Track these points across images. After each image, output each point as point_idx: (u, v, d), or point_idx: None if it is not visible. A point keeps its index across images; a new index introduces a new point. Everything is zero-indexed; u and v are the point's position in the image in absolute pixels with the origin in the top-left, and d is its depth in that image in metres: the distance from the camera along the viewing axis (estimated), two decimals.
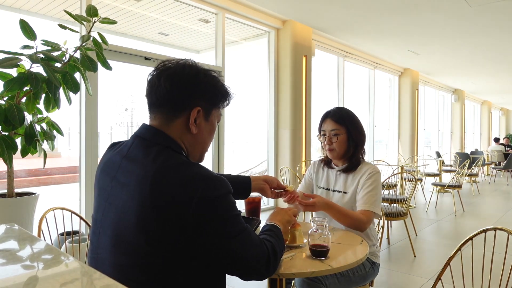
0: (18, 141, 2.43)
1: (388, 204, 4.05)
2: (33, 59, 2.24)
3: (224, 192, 1.02)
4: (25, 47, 2.34)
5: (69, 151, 9.14)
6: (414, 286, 3.00)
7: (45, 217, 1.84)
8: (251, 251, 1.06)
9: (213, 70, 1.16)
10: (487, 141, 17.17)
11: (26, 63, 2.32)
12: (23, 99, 2.45)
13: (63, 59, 2.50)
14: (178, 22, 5.12)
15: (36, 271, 0.89)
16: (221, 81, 1.17)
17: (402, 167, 6.48)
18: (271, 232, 1.22)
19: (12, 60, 2.21)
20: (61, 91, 2.47)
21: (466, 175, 6.91)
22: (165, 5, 4.56)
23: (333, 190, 1.99)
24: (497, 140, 13.33)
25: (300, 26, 5.60)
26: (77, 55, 2.56)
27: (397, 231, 4.59)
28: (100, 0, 3.90)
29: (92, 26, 2.60)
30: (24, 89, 2.37)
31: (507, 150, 12.52)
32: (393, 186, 5.17)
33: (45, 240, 1.43)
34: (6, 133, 2.34)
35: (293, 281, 1.91)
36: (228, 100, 1.19)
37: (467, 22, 5.50)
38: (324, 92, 7.31)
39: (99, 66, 2.62)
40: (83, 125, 3.59)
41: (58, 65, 2.44)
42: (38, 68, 2.31)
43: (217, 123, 1.20)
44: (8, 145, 2.29)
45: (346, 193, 1.93)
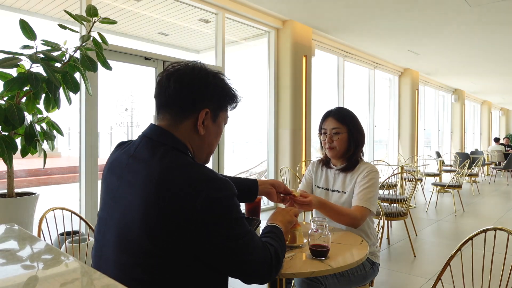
0: (18, 141, 2.43)
1: (388, 204, 4.05)
2: (33, 59, 2.24)
3: (228, 194, 1.02)
4: (25, 47, 2.33)
5: (69, 151, 9.14)
6: (414, 286, 3.00)
7: (45, 217, 1.84)
8: (254, 254, 1.06)
9: (221, 73, 1.17)
10: (487, 141, 17.17)
11: (26, 63, 2.32)
12: (23, 99, 2.45)
13: (63, 59, 2.50)
14: (178, 22, 5.12)
15: (36, 271, 0.89)
16: (230, 84, 1.18)
17: (402, 167, 6.48)
18: (273, 234, 1.22)
19: (12, 60, 2.21)
20: (61, 91, 2.47)
21: (466, 175, 6.91)
22: (165, 5, 4.56)
23: (332, 190, 1.99)
24: (497, 140, 13.33)
25: (300, 26, 5.60)
26: (77, 55, 2.56)
27: (397, 231, 4.59)
28: (100, 0, 3.90)
29: (92, 26, 2.60)
30: (24, 89, 2.37)
31: (507, 150, 12.52)
32: (393, 186, 5.16)
33: (45, 240, 1.43)
34: (6, 133, 2.34)
35: (293, 281, 1.91)
36: (235, 103, 1.21)
37: (467, 22, 5.50)
38: (324, 92, 7.30)
39: (99, 66, 2.62)
40: (83, 125, 3.59)
41: (58, 65, 2.44)
42: (38, 68, 2.31)
43: (224, 125, 1.22)
44: (8, 145, 2.29)
45: (344, 192, 1.93)
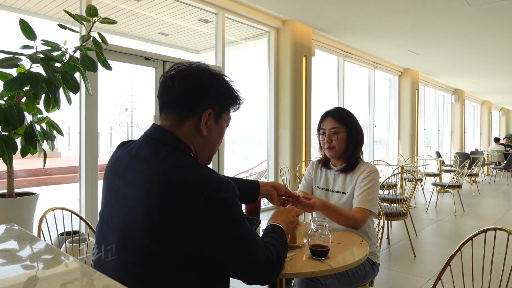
0: (18, 141, 2.43)
1: (388, 204, 4.05)
2: (33, 59, 2.24)
3: (230, 194, 1.02)
4: (25, 47, 2.33)
5: (69, 151, 9.15)
6: (414, 286, 3.00)
7: (45, 217, 1.84)
8: (255, 255, 1.06)
9: (225, 75, 1.18)
10: (487, 141, 17.17)
11: (26, 63, 2.32)
12: (23, 99, 2.45)
13: (63, 59, 2.49)
14: (178, 22, 5.12)
15: (36, 271, 0.89)
16: (233, 85, 1.18)
17: (402, 167, 6.48)
18: (275, 234, 1.22)
19: (12, 60, 2.21)
20: (61, 91, 2.47)
21: (466, 175, 6.90)
22: (165, 5, 4.56)
23: (332, 191, 1.99)
24: (497, 140, 13.33)
25: (300, 26, 5.60)
26: (77, 55, 2.55)
27: (397, 231, 4.59)
28: (100, 0, 3.90)
29: (92, 26, 2.60)
30: (24, 89, 2.37)
31: (507, 150, 12.52)
32: (393, 186, 5.16)
33: (45, 240, 1.43)
34: (6, 133, 2.34)
35: (293, 281, 1.91)
36: (238, 105, 1.21)
37: (467, 22, 5.50)
38: (324, 92, 7.31)
39: (99, 66, 2.62)
40: (83, 125, 3.59)
41: (58, 65, 2.43)
42: (38, 68, 2.31)
43: (227, 126, 1.22)
44: (8, 145, 2.28)
45: (344, 193, 1.93)
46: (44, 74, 2.27)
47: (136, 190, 1.03)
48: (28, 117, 2.47)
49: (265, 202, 5.56)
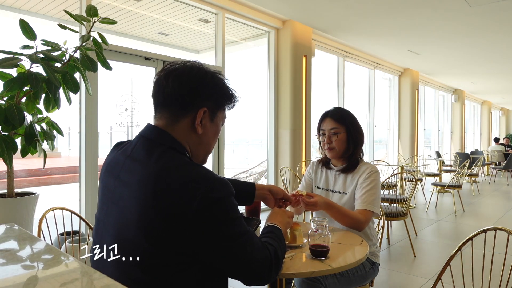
0: (18, 141, 2.43)
1: (388, 204, 4.05)
2: (33, 59, 2.24)
3: (225, 194, 1.01)
4: (25, 47, 2.33)
5: (69, 151, 9.15)
6: (414, 286, 3.00)
7: (45, 217, 1.84)
8: (253, 255, 1.05)
9: (219, 73, 1.17)
10: (487, 141, 17.17)
11: (26, 63, 2.32)
12: (23, 99, 2.45)
13: (63, 59, 2.49)
14: (178, 22, 5.12)
15: (36, 271, 0.89)
16: (228, 83, 1.18)
17: (402, 167, 6.48)
18: (273, 235, 1.21)
19: (12, 60, 2.21)
20: (61, 91, 2.46)
21: (466, 175, 6.90)
22: (165, 5, 4.56)
23: (332, 191, 1.99)
24: (497, 140, 13.34)
25: (300, 26, 5.59)
26: (77, 55, 2.55)
27: (397, 231, 4.59)
28: (100, 0, 3.90)
29: (92, 26, 2.60)
30: (24, 89, 2.37)
31: (507, 150, 12.52)
32: (393, 186, 5.16)
33: (45, 240, 1.43)
34: (6, 133, 2.34)
35: (293, 281, 1.91)
36: (233, 103, 1.20)
37: (467, 22, 5.50)
38: (324, 92, 7.31)
39: (99, 66, 2.62)
40: (83, 125, 3.59)
41: (58, 65, 2.43)
42: (38, 68, 2.30)
43: (222, 125, 1.21)
44: (8, 145, 2.28)
45: (345, 193, 1.93)
46: (44, 74, 2.27)
47: (131, 190, 1.02)
48: (28, 117, 2.47)
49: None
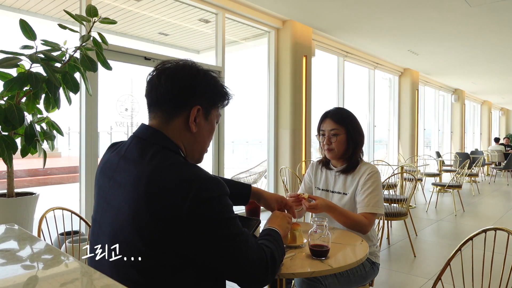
0: (18, 141, 2.43)
1: (388, 204, 4.05)
2: (33, 59, 2.24)
3: (219, 193, 1.00)
4: (25, 47, 2.33)
5: (69, 151, 9.15)
6: (414, 286, 3.00)
7: (45, 217, 1.84)
8: (248, 256, 1.03)
9: (212, 71, 1.17)
10: (487, 141, 17.17)
11: (26, 63, 2.32)
12: (23, 99, 2.45)
13: (63, 59, 2.49)
14: (178, 22, 5.12)
15: (36, 271, 0.89)
16: (220, 81, 1.17)
17: (402, 167, 6.47)
18: (271, 237, 1.20)
19: (12, 60, 2.21)
20: (61, 91, 2.47)
21: (466, 175, 6.90)
22: (165, 5, 4.56)
23: (332, 192, 1.99)
24: (497, 140, 13.34)
25: (300, 26, 5.59)
26: (77, 55, 2.55)
27: (397, 231, 4.59)
28: (100, 0, 3.90)
29: (92, 26, 2.60)
30: (24, 89, 2.37)
31: (507, 150, 12.52)
32: (393, 186, 5.16)
33: (45, 240, 1.43)
34: (6, 133, 2.34)
35: (293, 281, 1.91)
36: (227, 100, 1.19)
37: (467, 22, 5.50)
38: (324, 92, 7.30)
39: (99, 66, 2.62)
40: (83, 125, 3.59)
41: (58, 65, 2.43)
42: (38, 68, 2.30)
43: (216, 123, 1.20)
44: (8, 145, 2.28)
45: (345, 194, 1.93)
46: (44, 74, 2.27)
47: (125, 191, 1.02)
48: (28, 117, 2.47)
49: None
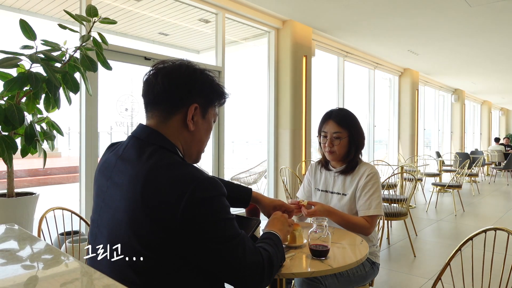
0: (18, 141, 2.42)
1: (388, 204, 4.05)
2: (33, 59, 2.24)
3: (215, 193, 0.99)
4: (25, 47, 2.33)
5: (69, 151, 9.15)
6: (414, 286, 3.00)
7: (45, 217, 1.84)
8: (244, 259, 1.02)
9: (208, 70, 1.17)
10: (487, 141, 17.17)
11: (26, 63, 2.32)
12: (23, 99, 2.45)
13: (63, 59, 2.49)
14: (178, 22, 5.11)
15: (36, 271, 0.89)
16: (217, 80, 1.18)
17: (402, 167, 6.47)
18: (270, 241, 1.20)
19: (12, 60, 2.21)
20: (61, 91, 2.46)
21: (466, 175, 6.90)
22: (165, 5, 4.56)
23: (331, 192, 1.98)
24: (497, 140, 13.34)
25: (300, 26, 5.59)
26: (77, 55, 2.55)
27: (397, 231, 4.59)
28: (100, 0, 3.90)
29: (92, 26, 2.60)
30: (24, 89, 2.37)
31: (507, 150, 12.52)
32: (393, 186, 5.16)
33: (45, 240, 1.43)
34: (6, 133, 2.34)
35: (293, 281, 1.91)
36: (223, 99, 1.20)
37: (467, 22, 5.50)
38: (324, 92, 7.30)
39: (99, 66, 2.62)
40: (83, 125, 3.59)
41: (58, 65, 2.43)
42: (38, 68, 2.30)
43: (213, 122, 1.20)
44: (8, 145, 2.28)
45: (345, 194, 1.92)
46: (44, 74, 2.27)
47: (122, 191, 1.02)
48: (28, 117, 2.47)
49: None
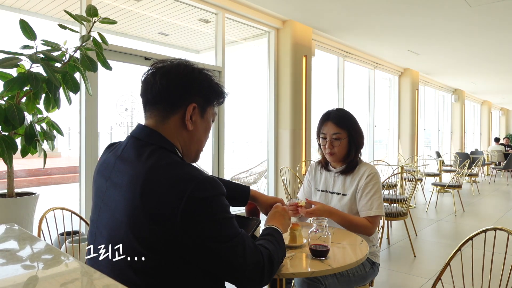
0: (18, 141, 2.43)
1: (388, 204, 4.05)
2: (33, 59, 2.24)
3: (214, 193, 0.99)
4: (25, 47, 2.33)
5: (69, 151, 9.15)
6: (414, 286, 3.00)
7: (45, 217, 1.84)
8: (244, 257, 1.02)
9: (207, 69, 1.17)
10: (487, 141, 17.17)
11: (26, 63, 2.32)
12: (23, 99, 2.45)
13: (63, 59, 2.49)
14: (178, 22, 5.11)
15: (36, 271, 0.89)
16: (215, 79, 1.17)
17: (402, 167, 6.47)
18: (272, 238, 1.19)
19: (12, 60, 2.21)
20: (61, 91, 2.47)
21: (466, 175, 6.90)
22: (165, 5, 4.56)
23: (331, 192, 1.98)
24: (497, 140, 13.34)
25: (300, 26, 5.59)
26: (77, 55, 2.55)
27: (397, 231, 4.59)
28: (100, 0, 3.90)
29: (92, 26, 2.60)
30: (24, 89, 2.37)
31: (507, 150, 12.52)
32: (393, 186, 5.16)
33: (45, 240, 1.43)
34: (6, 133, 2.34)
35: (293, 281, 1.91)
36: (222, 98, 1.19)
37: (467, 22, 5.50)
38: (324, 92, 7.30)
39: (99, 66, 2.62)
40: (83, 125, 3.59)
41: (58, 65, 2.43)
42: (38, 68, 2.30)
43: (212, 121, 1.20)
44: (8, 145, 2.28)
45: (345, 195, 1.92)
46: (44, 74, 2.27)
47: (121, 191, 1.02)
48: (28, 117, 2.47)
49: None
